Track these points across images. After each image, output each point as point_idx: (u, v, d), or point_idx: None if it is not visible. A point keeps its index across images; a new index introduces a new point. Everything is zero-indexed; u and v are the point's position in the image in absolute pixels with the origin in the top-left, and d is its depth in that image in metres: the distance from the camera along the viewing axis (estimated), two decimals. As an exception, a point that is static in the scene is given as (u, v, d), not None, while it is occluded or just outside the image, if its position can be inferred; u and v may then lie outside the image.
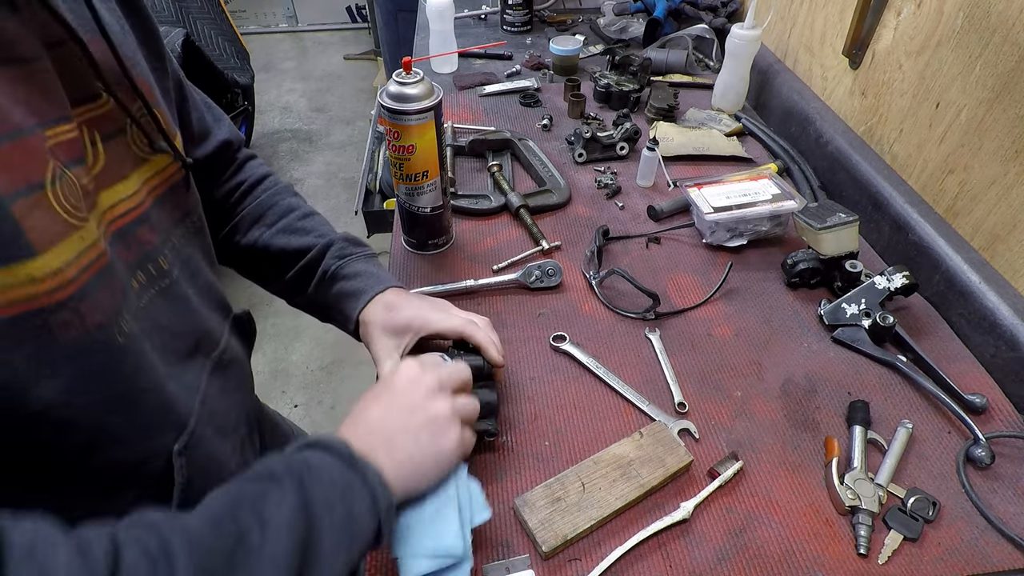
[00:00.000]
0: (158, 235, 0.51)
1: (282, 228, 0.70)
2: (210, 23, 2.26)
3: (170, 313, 0.52)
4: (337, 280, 0.67)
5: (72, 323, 0.39)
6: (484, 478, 0.62)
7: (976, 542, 0.58)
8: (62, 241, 0.38)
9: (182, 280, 0.54)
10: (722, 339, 0.78)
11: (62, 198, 0.39)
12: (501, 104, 1.26)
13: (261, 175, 0.74)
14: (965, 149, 0.81)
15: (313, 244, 0.69)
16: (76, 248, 0.39)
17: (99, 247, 0.42)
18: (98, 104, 0.45)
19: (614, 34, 1.52)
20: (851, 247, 0.81)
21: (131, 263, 0.47)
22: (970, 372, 0.74)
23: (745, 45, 1.11)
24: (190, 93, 0.64)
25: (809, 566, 0.56)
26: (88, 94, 0.44)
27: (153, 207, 0.50)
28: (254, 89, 2.44)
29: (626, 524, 0.58)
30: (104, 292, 0.42)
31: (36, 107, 0.39)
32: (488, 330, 0.65)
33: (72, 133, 0.42)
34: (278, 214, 0.71)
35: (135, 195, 0.48)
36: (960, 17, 0.80)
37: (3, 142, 0.36)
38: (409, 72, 0.72)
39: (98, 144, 0.45)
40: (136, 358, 0.45)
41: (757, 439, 0.66)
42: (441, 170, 0.80)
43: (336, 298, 0.67)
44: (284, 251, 0.69)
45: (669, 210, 0.96)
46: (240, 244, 0.70)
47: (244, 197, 0.72)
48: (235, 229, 0.71)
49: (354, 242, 0.71)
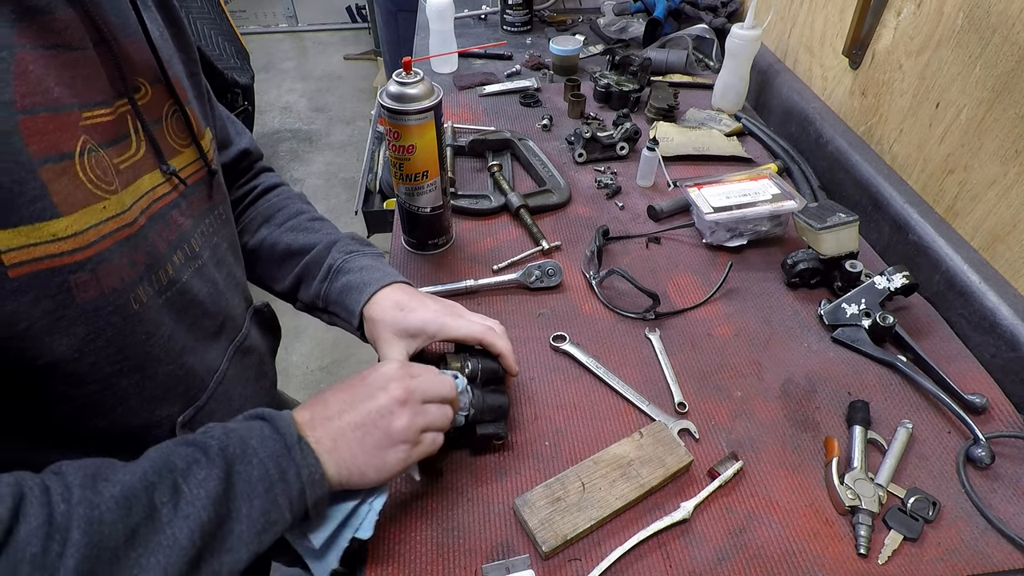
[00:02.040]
0: (190, 220, 0.55)
1: (290, 227, 0.71)
2: (210, 23, 2.25)
3: (203, 292, 0.55)
4: (342, 274, 0.66)
5: (89, 284, 0.42)
6: (484, 478, 0.62)
7: (976, 542, 0.58)
8: (84, 208, 0.41)
9: (210, 264, 0.58)
10: (722, 339, 0.78)
11: (89, 170, 0.42)
12: (501, 104, 1.26)
13: (274, 183, 0.77)
14: (965, 149, 0.81)
15: (319, 241, 0.69)
16: (98, 216, 0.43)
17: (123, 219, 0.45)
18: (140, 95, 0.49)
19: (614, 34, 1.52)
20: (851, 247, 0.81)
21: (172, 242, 0.52)
22: (970, 372, 0.74)
23: (745, 45, 1.11)
24: (216, 104, 0.67)
25: (809, 566, 0.56)
26: (131, 86, 0.48)
27: (183, 196, 0.54)
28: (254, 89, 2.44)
29: (626, 524, 0.58)
30: (124, 260, 0.45)
31: (78, 90, 0.43)
32: (506, 338, 0.64)
33: (107, 117, 0.45)
34: (287, 216, 0.72)
35: (169, 181, 0.52)
36: (960, 17, 0.80)
37: (40, 112, 0.39)
38: (409, 72, 0.72)
39: (140, 132, 0.49)
40: (151, 326, 0.48)
41: (757, 439, 0.66)
42: (441, 170, 0.80)
43: (340, 293, 0.66)
44: (290, 248, 0.69)
45: (669, 210, 0.96)
46: (248, 244, 0.71)
47: (255, 201, 0.74)
48: (244, 231, 0.72)
49: (361, 241, 0.72)
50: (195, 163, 0.56)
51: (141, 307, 0.47)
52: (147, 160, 0.50)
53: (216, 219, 0.60)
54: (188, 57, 0.59)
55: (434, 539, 0.57)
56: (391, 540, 0.57)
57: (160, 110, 0.52)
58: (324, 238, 0.70)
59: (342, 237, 0.71)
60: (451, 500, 0.60)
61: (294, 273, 0.69)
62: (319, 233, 0.70)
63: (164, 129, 0.52)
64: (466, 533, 0.57)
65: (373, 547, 0.56)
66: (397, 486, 0.61)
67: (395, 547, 0.56)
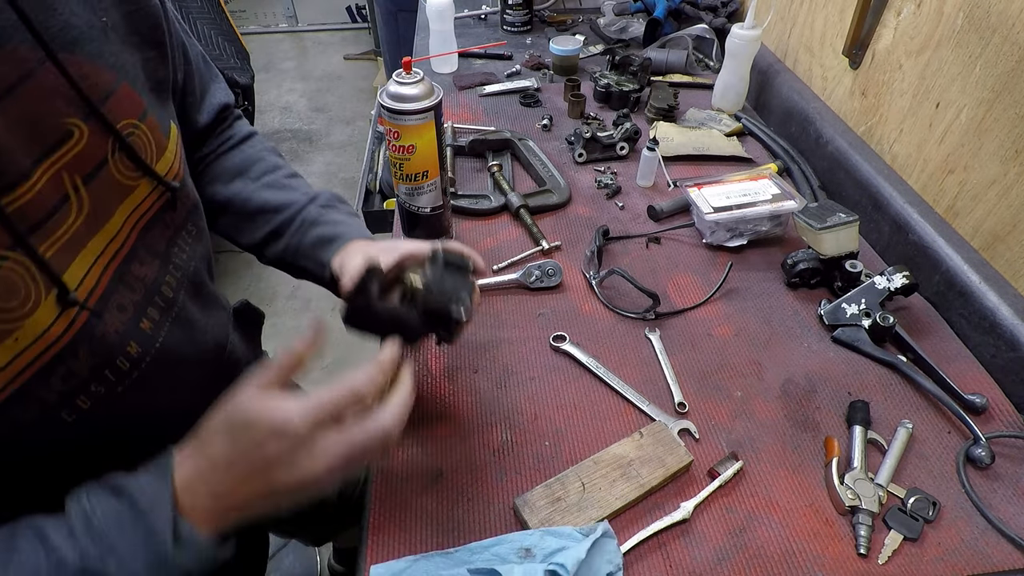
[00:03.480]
0: (153, 265, 0.49)
1: (267, 183, 0.67)
2: (210, 23, 2.25)
3: (183, 341, 0.51)
4: (317, 225, 0.64)
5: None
6: (484, 478, 0.62)
7: (976, 542, 0.58)
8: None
9: (187, 303, 0.53)
10: (722, 339, 0.78)
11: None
12: (501, 104, 1.26)
13: (248, 132, 0.73)
14: (965, 149, 0.81)
15: (296, 200, 0.67)
16: (10, 353, 0.37)
17: (51, 335, 0.39)
18: (73, 142, 0.41)
19: (614, 34, 1.52)
20: (851, 247, 0.81)
21: (139, 303, 0.46)
22: (970, 372, 0.74)
23: (745, 45, 1.11)
24: (193, 58, 0.62)
25: (809, 566, 0.56)
26: (59, 135, 0.40)
27: (140, 239, 0.48)
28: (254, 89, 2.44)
29: (626, 524, 0.58)
30: (55, 379, 0.40)
31: None
32: (475, 254, 0.61)
33: (31, 192, 0.38)
34: (263, 170, 0.69)
35: (120, 232, 0.46)
36: (960, 17, 0.80)
37: None
38: (409, 72, 0.72)
39: (81, 190, 0.42)
40: (92, 427, 0.44)
41: (757, 439, 0.66)
42: (441, 170, 0.80)
43: (312, 245, 0.63)
44: (266, 205, 0.66)
45: (669, 210, 0.96)
46: (218, 196, 0.67)
47: (229, 151, 0.70)
48: (215, 180, 0.68)
49: (338, 198, 0.70)
50: (152, 194, 0.49)
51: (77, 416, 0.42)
52: (96, 217, 0.43)
53: (187, 239, 0.54)
54: (147, 39, 0.50)
55: (434, 539, 0.57)
56: (391, 540, 0.57)
57: (104, 147, 0.43)
58: (301, 197, 0.67)
59: (320, 194, 0.68)
60: (451, 500, 0.60)
61: (267, 229, 0.66)
62: (296, 192, 0.68)
63: (112, 168, 0.44)
64: (466, 533, 0.57)
65: (373, 547, 0.56)
66: (397, 486, 0.61)
67: (395, 547, 0.56)
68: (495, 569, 0.51)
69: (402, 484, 0.61)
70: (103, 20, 0.45)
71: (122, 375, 0.45)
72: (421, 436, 0.66)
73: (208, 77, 0.67)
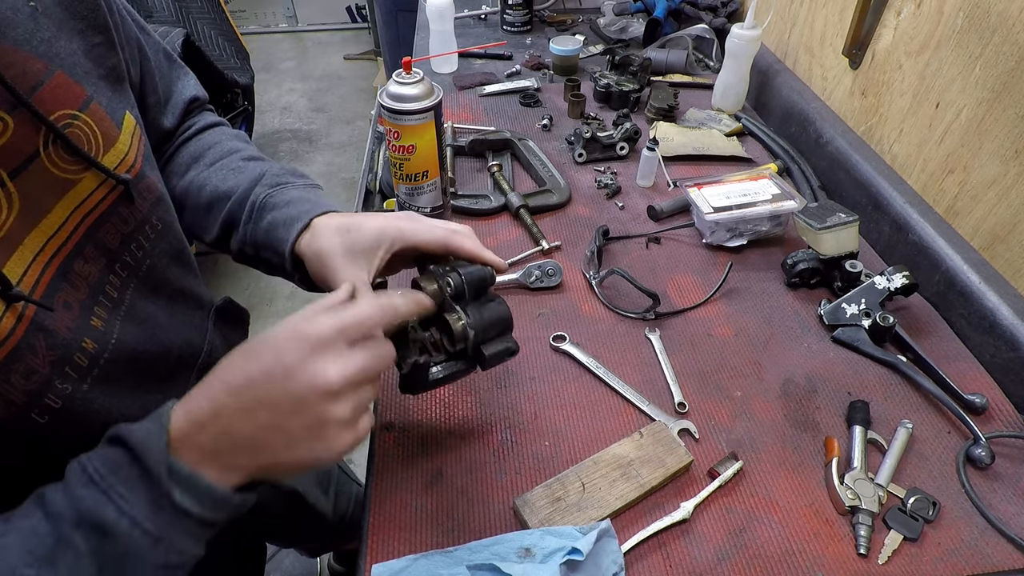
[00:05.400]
0: (98, 264, 0.46)
1: (219, 168, 0.60)
2: (210, 23, 2.25)
3: (141, 339, 0.50)
4: (267, 211, 0.56)
5: None
6: (484, 478, 0.62)
7: (976, 542, 0.58)
8: None
9: (138, 301, 0.50)
10: (722, 339, 0.78)
11: None
12: (501, 104, 1.26)
13: (212, 122, 0.67)
14: (965, 149, 0.81)
15: (243, 182, 0.59)
16: None
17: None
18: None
19: (614, 34, 1.52)
20: (851, 247, 0.81)
21: (84, 301, 0.44)
22: (970, 372, 0.74)
23: (745, 45, 1.11)
24: (152, 55, 0.58)
25: (809, 566, 0.56)
26: None
27: (88, 235, 0.45)
28: (254, 89, 2.44)
29: (626, 524, 0.58)
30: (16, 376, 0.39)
31: None
32: (474, 238, 0.56)
33: None
34: (217, 155, 0.62)
35: (63, 228, 0.43)
36: (960, 17, 0.80)
37: None
38: (409, 72, 0.72)
39: (8, 184, 0.39)
40: (69, 428, 0.43)
41: (757, 439, 0.66)
42: (441, 170, 0.80)
43: (266, 233, 0.55)
44: (216, 191, 0.59)
45: (669, 210, 0.96)
46: (176, 189, 0.61)
47: (187, 142, 0.64)
48: (172, 174, 0.62)
49: (292, 172, 0.61)
50: (99, 189, 0.46)
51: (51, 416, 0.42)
52: (27, 214, 0.40)
53: (147, 236, 0.51)
54: (91, 24, 0.47)
55: (434, 539, 0.57)
56: (391, 539, 0.57)
57: (35, 139, 0.40)
58: (248, 180, 0.59)
59: (268, 170, 0.60)
60: (451, 500, 0.60)
61: (220, 220, 0.59)
62: (248, 173, 0.59)
63: (46, 161, 0.41)
64: (466, 533, 0.57)
65: (373, 546, 0.56)
66: (397, 486, 0.61)
67: (395, 546, 0.56)
68: (495, 565, 0.51)
69: (402, 484, 0.61)
70: (31, 4, 0.42)
71: (83, 371, 0.44)
72: (421, 436, 0.66)
73: (173, 76, 0.62)
